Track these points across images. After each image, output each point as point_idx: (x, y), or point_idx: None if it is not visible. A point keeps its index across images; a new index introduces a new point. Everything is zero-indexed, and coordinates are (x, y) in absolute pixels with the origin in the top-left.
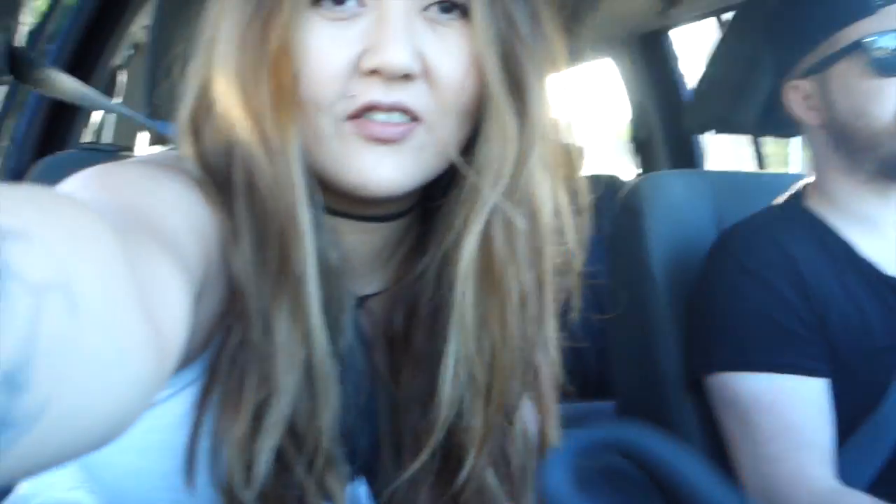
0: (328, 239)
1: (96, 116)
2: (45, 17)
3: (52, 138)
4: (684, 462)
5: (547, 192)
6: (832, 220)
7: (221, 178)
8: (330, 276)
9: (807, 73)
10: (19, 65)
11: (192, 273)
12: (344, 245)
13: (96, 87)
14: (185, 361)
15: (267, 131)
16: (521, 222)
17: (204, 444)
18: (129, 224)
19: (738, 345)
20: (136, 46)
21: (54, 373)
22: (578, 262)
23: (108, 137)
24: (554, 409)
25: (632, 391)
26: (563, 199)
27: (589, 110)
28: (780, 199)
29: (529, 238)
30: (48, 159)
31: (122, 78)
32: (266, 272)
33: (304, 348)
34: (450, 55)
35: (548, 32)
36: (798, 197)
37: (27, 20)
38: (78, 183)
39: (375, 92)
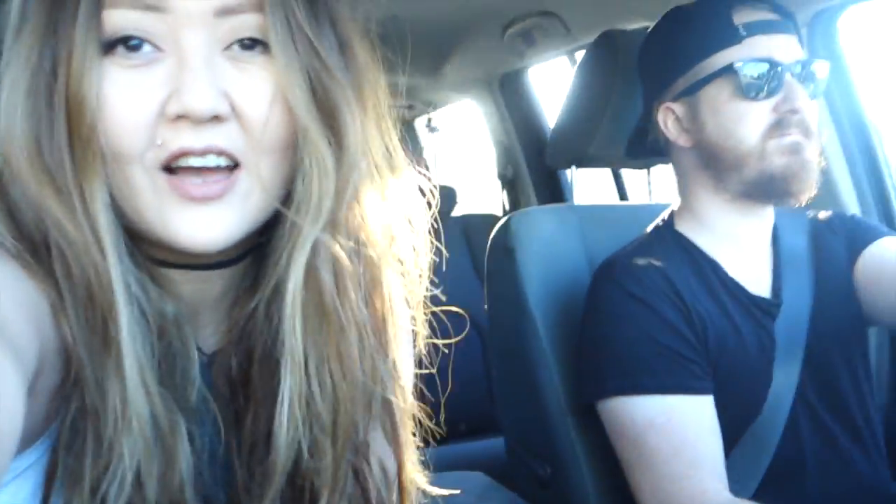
0: (156, 292)
1: None
2: None
3: None
4: None
5: (380, 224)
6: (701, 241)
7: (38, 245)
8: (166, 330)
9: (679, 96)
10: None
11: (25, 357)
12: (183, 296)
13: None
14: (28, 441)
15: (67, 191)
16: (347, 255)
17: None
18: None
19: (628, 369)
20: None
21: None
22: (420, 290)
23: None
24: (410, 442)
25: (519, 427)
26: (405, 232)
27: (464, 151)
28: (653, 226)
29: (363, 269)
30: None
31: None
32: (93, 334)
33: (135, 408)
34: (255, 91)
35: (361, 60)
36: (669, 222)
37: None
38: None
39: (185, 138)
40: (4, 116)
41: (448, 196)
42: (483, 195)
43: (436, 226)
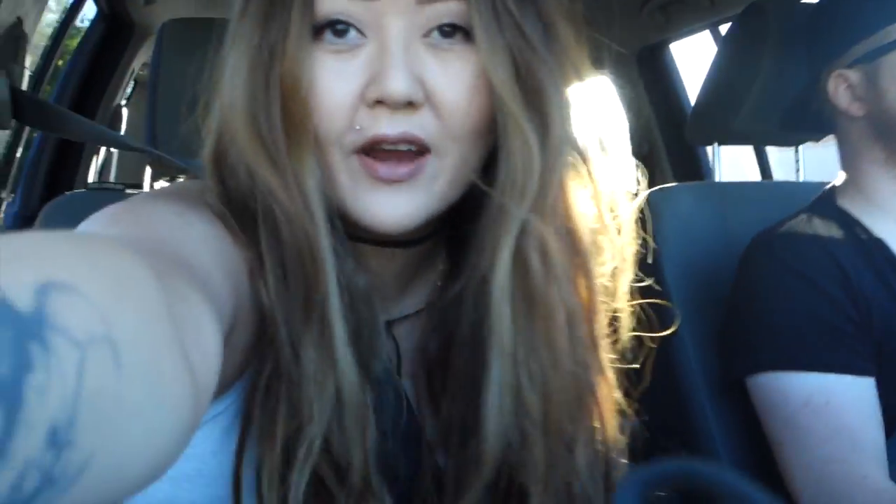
0: (352, 264)
1: (101, 156)
2: (47, 58)
3: (60, 179)
4: (759, 498)
5: (583, 208)
6: (867, 218)
7: (245, 211)
8: (357, 301)
9: (855, 63)
10: (23, 108)
11: (223, 310)
12: (369, 270)
13: (101, 123)
14: (217, 393)
15: (282, 164)
16: (555, 239)
17: (247, 474)
18: (164, 262)
19: (787, 344)
20: (138, 83)
21: (98, 428)
22: (626, 280)
23: (112, 176)
24: (617, 437)
25: (655, 408)
26: (605, 216)
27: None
28: (813, 201)
29: (570, 255)
30: (57, 201)
31: (125, 115)
32: (292, 301)
33: (334, 376)
34: (453, 79)
35: (564, 40)
36: (831, 197)
37: (29, 62)
38: (107, 219)
39: (381, 124)
40: (228, 92)
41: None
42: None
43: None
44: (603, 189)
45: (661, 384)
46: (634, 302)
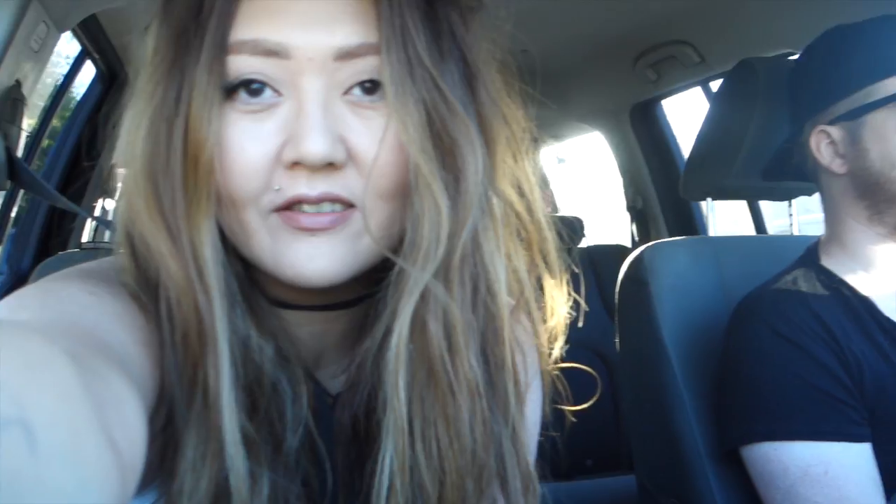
0: (258, 335)
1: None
2: (44, 119)
3: (54, 239)
4: None
5: (500, 274)
6: (851, 277)
7: (152, 282)
8: (263, 373)
9: (837, 120)
10: (17, 170)
11: (145, 386)
12: (302, 338)
13: (96, 182)
14: (150, 479)
15: (176, 232)
16: (459, 308)
17: None
18: (78, 343)
19: (779, 413)
20: None
21: None
22: (558, 344)
23: (107, 235)
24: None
25: (652, 466)
26: (527, 276)
27: (592, 182)
28: (796, 260)
29: (481, 319)
30: (50, 260)
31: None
32: (182, 376)
33: (216, 467)
34: (375, 138)
35: (492, 94)
36: (814, 256)
37: (26, 125)
38: (14, 304)
39: (300, 185)
40: (127, 149)
41: (575, 227)
42: (610, 226)
43: (564, 258)
44: (533, 242)
45: (661, 444)
46: (558, 366)
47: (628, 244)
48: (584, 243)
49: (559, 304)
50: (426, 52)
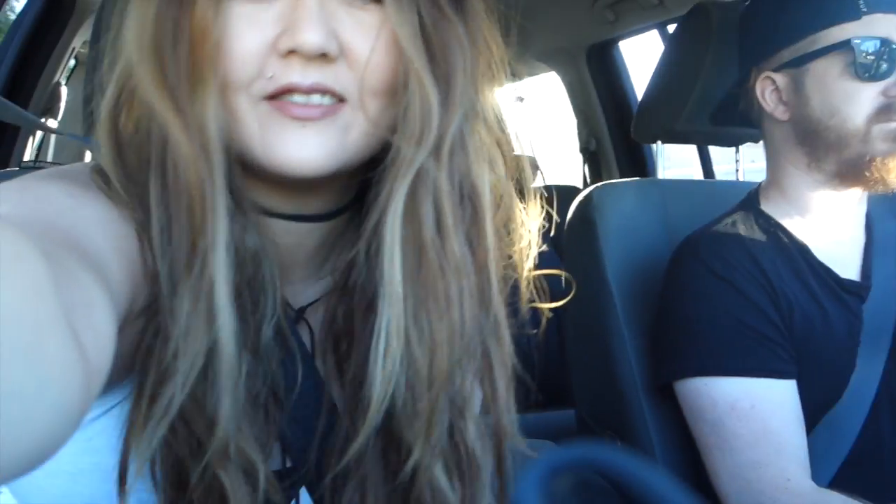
0: (246, 225)
1: (38, 134)
2: None
3: None
4: (657, 481)
5: (485, 176)
6: (788, 221)
7: (137, 169)
8: (246, 261)
9: (782, 67)
10: None
11: (118, 293)
12: (279, 247)
13: (38, 102)
14: (113, 382)
15: (183, 105)
16: (449, 191)
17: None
18: (53, 243)
19: (711, 350)
20: (78, 61)
21: None
22: (529, 251)
23: (50, 155)
24: (509, 402)
25: (591, 400)
26: (509, 194)
27: (544, 122)
28: (737, 204)
29: (466, 211)
30: None
31: (64, 93)
32: (175, 250)
33: (208, 331)
34: (367, 36)
35: (474, 9)
36: (754, 200)
37: None
38: None
39: (294, 74)
40: (134, 40)
41: (530, 166)
42: (563, 167)
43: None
44: (509, 159)
45: (601, 379)
46: (535, 272)
47: (580, 185)
48: (537, 183)
49: (534, 219)
50: None
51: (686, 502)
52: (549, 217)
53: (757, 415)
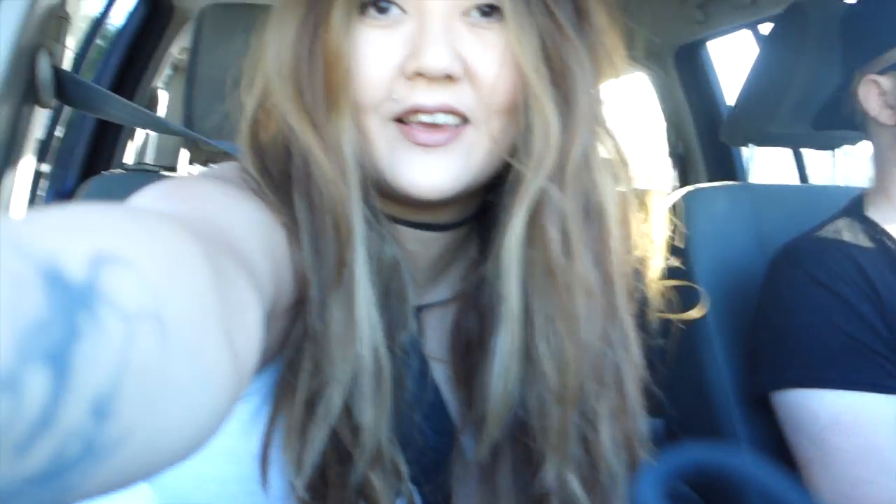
0: (382, 234)
1: (139, 137)
2: (88, 40)
3: (97, 160)
4: (788, 490)
5: (609, 192)
6: (894, 229)
7: (280, 180)
8: (385, 270)
9: (888, 69)
10: (64, 88)
11: (265, 293)
12: (404, 252)
13: (139, 105)
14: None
15: (321, 128)
16: (575, 212)
17: (276, 454)
18: (212, 243)
19: (813, 361)
20: (176, 67)
21: (140, 402)
22: (655, 264)
23: (150, 157)
24: (641, 415)
25: (681, 410)
26: (631, 204)
27: (631, 125)
28: (841, 210)
29: (593, 230)
30: (95, 179)
31: (163, 98)
32: (323, 262)
33: (357, 338)
34: (489, 55)
35: (597, 27)
36: (858, 206)
37: (71, 44)
38: (158, 194)
39: (419, 95)
40: (274, 61)
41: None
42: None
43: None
44: (634, 175)
45: (691, 390)
46: (663, 283)
47: (669, 190)
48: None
49: (658, 228)
50: None
51: None
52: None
53: (861, 430)
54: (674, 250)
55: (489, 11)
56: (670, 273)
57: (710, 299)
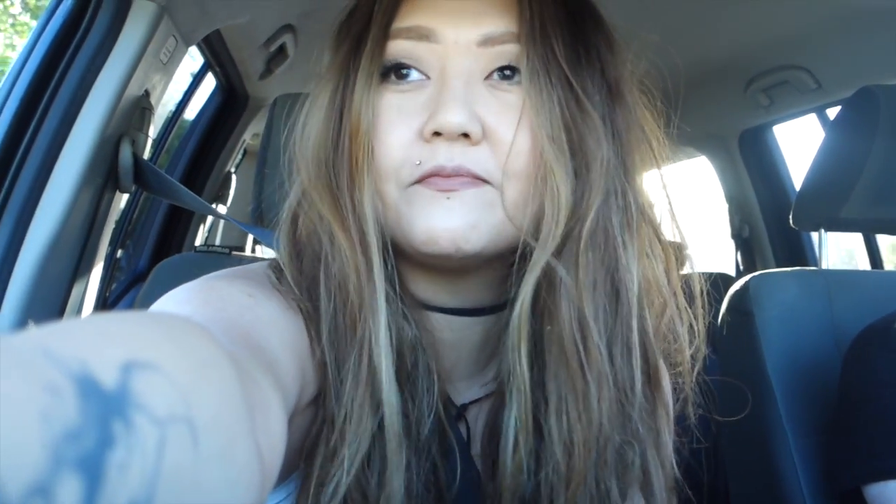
0: (406, 314)
1: (210, 219)
2: (167, 128)
3: (170, 241)
4: None
5: (635, 271)
6: None
7: (309, 261)
8: (405, 350)
9: None
10: (143, 174)
11: (288, 389)
12: (443, 342)
13: (211, 189)
14: (278, 481)
15: (343, 204)
16: (590, 293)
17: None
18: (236, 345)
19: None
20: (246, 152)
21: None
22: (692, 354)
23: (218, 239)
24: None
25: (750, 498)
26: (668, 285)
27: (692, 207)
28: None
29: (613, 312)
30: (167, 261)
31: (234, 181)
32: (341, 340)
33: (371, 416)
34: (508, 117)
35: (631, 106)
36: None
37: (152, 132)
38: (180, 298)
39: (439, 156)
40: (303, 144)
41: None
42: (710, 254)
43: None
44: (668, 250)
45: (761, 482)
46: (702, 377)
47: (731, 273)
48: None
49: (700, 317)
50: (562, 51)
51: None
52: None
53: None
54: (744, 354)
55: (510, 74)
56: (736, 356)
57: (781, 387)
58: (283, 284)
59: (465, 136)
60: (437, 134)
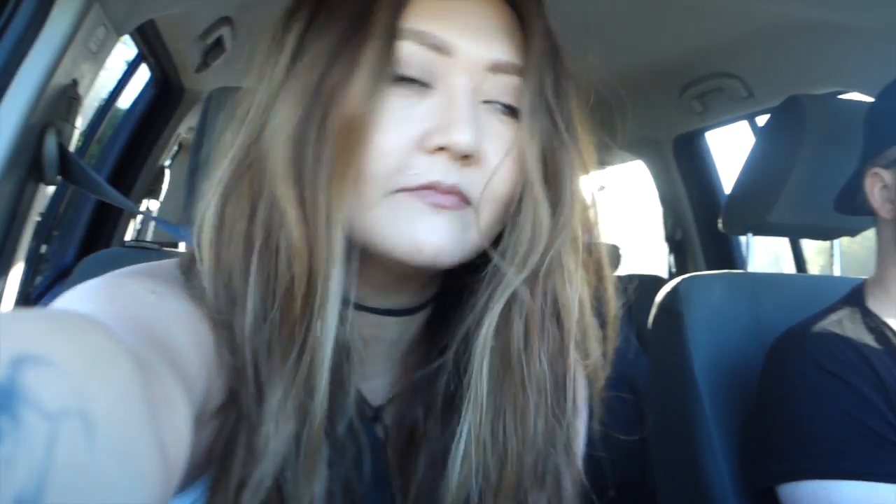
0: (345, 318)
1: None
2: (97, 119)
3: (98, 236)
4: None
5: (575, 292)
6: (892, 320)
7: (235, 250)
8: (339, 351)
9: (892, 164)
10: (69, 167)
11: (194, 388)
12: (355, 338)
13: (143, 184)
14: (186, 481)
15: (308, 199)
16: (539, 313)
17: None
18: (137, 340)
19: (828, 451)
20: (181, 145)
21: (68, 500)
22: (603, 370)
23: (150, 234)
24: None
25: (675, 498)
26: (587, 303)
27: (627, 211)
28: (842, 299)
29: (552, 333)
30: (93, 256)
31: (167, 175)
32: (271, 338)
33: (297, 417)
34: (500, 144)
35: (581, 136)
36: (860, 297)
37: (80, 123)
38: (82, 295)
39: (438, 171)
40: (278, 125)
41: (612, 255)
42: (646, 256)
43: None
44: (598, 280)
45: (687, 480)
46: (605, 391)
47: (665, 275)
48: (619, 272)
49: (613, 332)
50: (551, 88)
51: None
52: (630, 306)
53: None
54: (672, 355)
55: (504, 109)
56: (665, 357)
57: (707, 387)
58: (192, 282)
59: (465, 156)
60: (441, 149)
